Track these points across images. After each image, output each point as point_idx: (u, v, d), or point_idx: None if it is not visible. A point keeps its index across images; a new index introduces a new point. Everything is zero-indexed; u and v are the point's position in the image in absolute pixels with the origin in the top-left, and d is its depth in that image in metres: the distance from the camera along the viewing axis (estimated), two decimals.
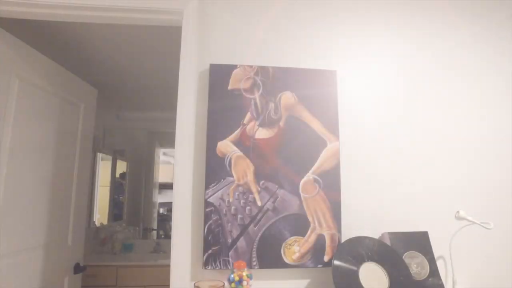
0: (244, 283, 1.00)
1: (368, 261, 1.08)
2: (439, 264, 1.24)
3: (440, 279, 1.13)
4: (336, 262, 1.05)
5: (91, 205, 2.91)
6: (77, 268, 1.79)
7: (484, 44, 1.40)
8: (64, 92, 1.67)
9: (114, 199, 3.19)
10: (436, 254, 1.24)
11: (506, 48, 1.42)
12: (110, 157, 3.16)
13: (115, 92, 2.86)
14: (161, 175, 3.43)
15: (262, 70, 1.21)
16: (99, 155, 3.02)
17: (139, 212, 3.29)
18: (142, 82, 2.63)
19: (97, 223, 2.99)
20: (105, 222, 3.07)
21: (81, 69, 2.33)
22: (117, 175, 3.21)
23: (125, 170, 3.26)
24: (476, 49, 1.39)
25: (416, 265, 1.14)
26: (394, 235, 1.17)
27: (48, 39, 1.86)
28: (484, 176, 1.32)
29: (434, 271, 1.13)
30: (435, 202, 1.28)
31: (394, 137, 1.29)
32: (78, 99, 1.80)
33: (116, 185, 3.21)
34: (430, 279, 1.12)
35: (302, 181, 1.16)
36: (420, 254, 1.15)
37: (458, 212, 1.16)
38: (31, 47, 1.46)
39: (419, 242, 1.18)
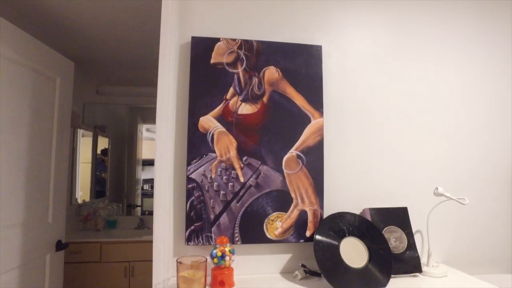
0: (227, 258, 1.01)
1: (349, 235, 1.10)
2: (417, 238, 1.28)
3: (416, 252, 1.16)
4: (317, 237, 1.07)
5: (72, 182, 2.86)
6: (59, 245, 1.77)
7: (467, 28, 1.39)
8: (39, 65, 1.59)
9: (96, 176, 3.14)
10: (414, 229, 1.28)
11: (485, 32, 1.41)
12: (90, 133, 3.08)
13: (94, 65, 2.75)
14: (145, 152, 3.38)
15: (246, 44, 1.17)
16: (79, 131, 2.93)
17: (122, 189, 3.26)
18: (122, 56, 2.53)
19: (79, 200, 2.95)
20: (87, 199, 3.03)
21: (57, 41, 2.22)
22: (99, 151, 3.14)
23: (107, 147, 3.20)
24: (460, 32, 1.39)
25: (395, 239, 1.17)
26: (374, 211, 1.20)
27: (21, 10, 1.75)
28: (460, 155, 1.35)
29: (411, 245, 1.17)
30: (415, 179, 1.30)
31: (377, 116, 1.29)
32: (54, 73, 1.71)
33: (98, 162, 3.15)
34: (407, 252, 1.16)
35: (285, 158, 1.15)
36: (399, 229, 1.19)
37: (437, 188, 1.19)
38: (3, 18, 1.36)
39: (399, 217, 1.21)
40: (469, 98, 1.37)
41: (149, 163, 3.39)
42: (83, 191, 3.01)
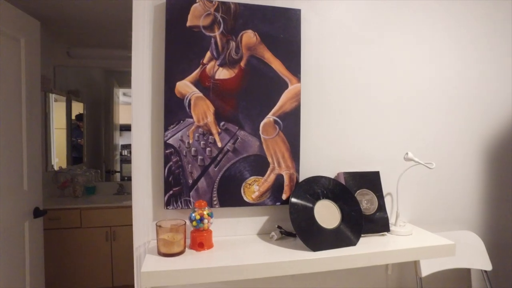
0: (205, 221, 1.04)
1: (323, 198, 1.15)
2: (387, 200, 1.35)
3: (386, 213, 1.23)
4: (293, 200, 1.11)
5: (47, 148, 2.78)
6: (37, 212, 1.76)
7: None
8: (0, 24, 1.48)
9: (72, 142, 3.07)
10: (385, 191, 1.35)
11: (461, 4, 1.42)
12: (64, 98, 2.96)
13: (63, 26, 2.58)
14: (122, 117, 3.31)
15: (223, 6, 1.12)
16: (51, 96, 2.81)
17: (100, 155, 3.22)
18: (93, 16, 2.39)
19: (56, 167, 2.90)
20: (64, 165, 2.98)
21: None
22: (73, 117, 3.05)
23: (81, 112, 3.10)
24: (438, 3, 1.38)
25: (367, 201, 1.23)
26: (348, 175, 1.25)
27: None
28: (430, 123, 1.40)
29: (381, 206, 1.24)
30: (388, 145, 1.35)
31: (353, 82, 1.30)
32: (17, 33, 1.60)
33: (73, 128, 3.07)
34: (377, 213, 1.23)
35: (262, 123, 1.16)
36: (370, 192, 1.24)
37: (406, 153, 1.24)
38: None
39: (371, 181, 1.27)
40: (440, 67, 1.40)
41: (127, 128, 3.34)
42: (59, 158, 2.95)
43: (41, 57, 1.83)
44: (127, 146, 3.37)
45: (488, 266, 1.43)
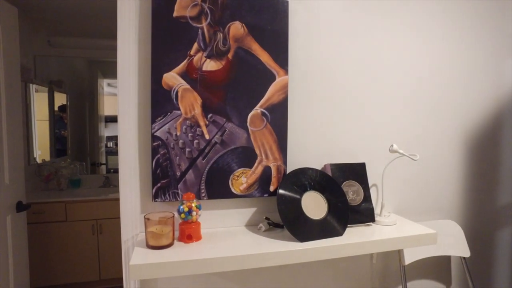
0: (193, 213, 1.04)
1: (310, 190, 1.16)
2: (372, 191, 1.38)
3: (371, 204, 1.26)
4: (280, 191, 1.12)
5: (28, 140, 2.71)
6: (20, 206, 1.73)
7: None
8: None
9: (56, 134, 3.00)
10: (370, 183, 1.38)
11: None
12: (45, 89, 2.88)
13: (43, 14, 2.50)
14: (107, 108, 3.25)
15: None
16: (32, 86, 2.73)
17: (85, 147, 3.16)
18: (75, 3, 2.31)
19: (39, 160, 2.84)
20: (47, 158, 2.92)
21: None
22: (56, 108, 2.97)
23: (65, 103, 3.02)
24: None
25: (353, 192, 1.25)
26: (335, 166, 1.26)
27: None
28: (415, 115, 1.43)
29: (367, 197, 1.26)
30: (374, 137, 1.37)
31: (341, 75, 1.31)
32: None
33: (56, 119, 2.99)
34: (363, 204, 1.25)
35: (250, 115, 1.16)
36: (356, 183, 1.27)
37: (392, 145, 1.27)
38: None
39: (357, 172, 1.29)
40: (425, 62, 1.42)
41: (112, 119, 3.28)
42: (42, 150, 2.88)
43: (20, 46, 1.77)
44: (113, 138, 3.32)
45: (467, 253, 1.49)
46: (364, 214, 1.24)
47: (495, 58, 1.54)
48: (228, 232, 1.16)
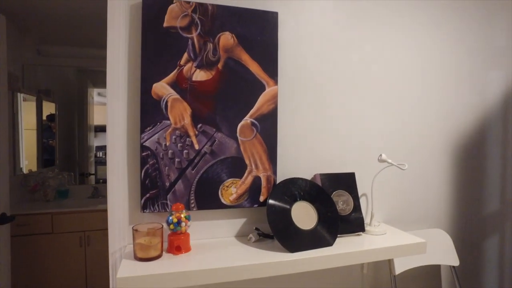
0: (183, 224, 1.03)
1: (300, 200, 1.16)
2: (362, 200, 1.39)
3: (361, 213, 1.27)
4: (270, 202, 1.11)
5: (15, 150, 2.66)
6: (3, 218, 1.68)
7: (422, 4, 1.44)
8: None
9: (44, 144, 2.95)
10: (360, 192, 1.38)
11: (435, 12, 1.48)
12: (34, 98, 2.84)
13: (32, 22, 2.48)
14: (97, 117, 3.21)
15: (200, 7, 1.12)
16: (20, 95, 2.69)
17: (74, 157, 3.11)
18: (64, 12, 2.30)
19: (25, 170, 2.78)
20: (34, 168, 2.86)
21: None
22: (44, 117, 2.93)
23: (53, 112, 2.98)
24: (412, 9, 1.43)
25: (342, 202, 1.26)
26: (324, 176, 1.27)
27: None
28: (402, 126, 1.45)
29: (357, 207, 1.27)
30: (363, 147, 1.39)
31: (330, 85, 1.33)
32: None
33: (45, 129, 2.95)
34: (353, 214, 1.25)
35: (239, 125, 1.16)
36: (346, 193, 1.27)
37: (380, 155, 1.28)
38: None
39: (347, 182, 1.29)
40: (411, 73, 1.45)
41: (102, 129, 3.24)
42: (28, 160, 2.82)
43: (8, 54, 1.75)
44: (102, 148, 3.27)
45: (456, 262, 1.50)
46: (354, 224, 1.24)
47: (481, 69, 1.58)
48: (218, 243, 1.15)
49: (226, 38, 1.14)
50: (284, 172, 1.27)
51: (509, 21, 1.61)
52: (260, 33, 1.18)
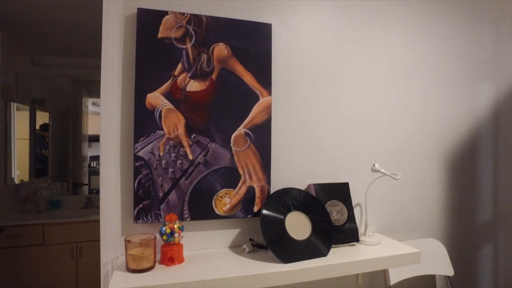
0: (176, 234, 1.02)
1: (294, 210, 1.16)
2: (356, 210, 1.39)
3: (355, 223, 1.26)
4: (264, 212, 1.11)
5: (6, 160, 2.63)
6: None
7: (416, 14, 1.47)
8: None
9: (36, 154, 2.92)
10: (354, 202, 1.39)
11: (428, 21, 1.51)
12: (27, 108, 2.83)
13: (26, 32, 2.48)
14: (92, 127, 3.20)
15: (195, 19, 1.13)
16: (13, 105, 2.67)
17: (67, 167, 3.08)
18: (59, 22, 2.31)
19: (17, 180, 2.74)
20: (26, 178, 2.82)
21: None
22: (38, 127, 2.91)
23: (47, 122, 2.96)
24: (405, 20, 1.46)
25: (337, 212, 1.26)
26: (319, 186, 1.27)
27: None
28: (395, 136, 1.46)
29: (351, 217, 1.27)
30: (356, 157, 1.39)
31: (323, 96, 1.34)
32: None
33: (38, 138, 2.92)
34: (347, 224, 1.25)
35: (233, 135, 1.16)
36: (340, 203, 1.27)
37: (374, 165, 1.29)
38: None
39: (341, 192, 1.30)
40: (404, 84, 1.47)
41: (96, 139, 3.22)
42: (20, 170, 2.79)
43: (2, 64, 1.74)
44: (96, 158, 3.25)
45: (450, 272, 1.50)
46: (348, 234, 1.24)
47: (472, 82, 1.60)
48: (212, 254, 1.14)
49: (220, 49, 1.15)
50: (278, 182, 1.27)
51: (495, 34, 1.65)
52: (254, 44, 1.19)
